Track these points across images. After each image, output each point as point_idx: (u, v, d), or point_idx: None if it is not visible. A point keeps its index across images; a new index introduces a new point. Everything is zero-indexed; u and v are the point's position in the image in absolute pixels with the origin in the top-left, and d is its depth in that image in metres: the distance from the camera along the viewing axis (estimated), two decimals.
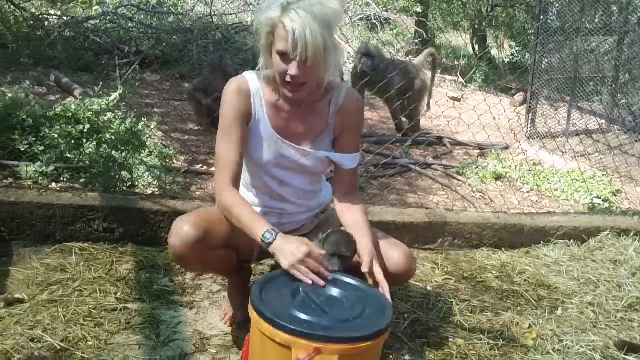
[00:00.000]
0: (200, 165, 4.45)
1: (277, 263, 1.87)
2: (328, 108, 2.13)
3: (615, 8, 6.59)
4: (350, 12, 9.23)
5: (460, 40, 12.77)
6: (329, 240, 1.99)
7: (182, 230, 1.99)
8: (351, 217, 2.12)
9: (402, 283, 2.37)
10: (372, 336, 1.66)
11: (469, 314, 2.66)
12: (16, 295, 2.34)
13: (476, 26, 12.23)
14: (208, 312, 2.43)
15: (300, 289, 1.81)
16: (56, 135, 3.44)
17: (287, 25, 1.85)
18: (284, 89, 2.00)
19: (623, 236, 3.57)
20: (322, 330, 1.62)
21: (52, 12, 7.46)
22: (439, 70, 9.42)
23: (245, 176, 2.18)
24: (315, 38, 1.85)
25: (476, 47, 12.55)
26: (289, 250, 1.81)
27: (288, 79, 1.94)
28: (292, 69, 1.91)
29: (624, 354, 2.42)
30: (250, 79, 2.09)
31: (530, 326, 2.60)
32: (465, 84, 9.00)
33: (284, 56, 1.91)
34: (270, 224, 1.90)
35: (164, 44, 7.31)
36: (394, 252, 2.11)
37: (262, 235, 1.86)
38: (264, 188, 2.19)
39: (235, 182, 2.04)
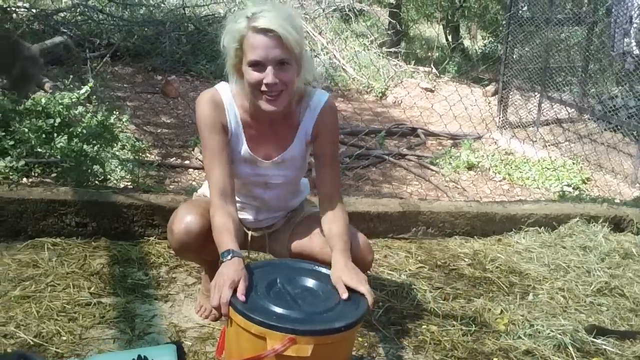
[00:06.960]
0: (174, 159, 4.43)
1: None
2: (297, 112, 2.07)
3: None
4: (323, 3, 9.22)
5: (433, 31, 12.84)
6: None
7: (187, 219, 2.02)
8: (328, 227, 2.04)
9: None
10: (341, 329, 1.65)
11: (442, 301, 2.69)
12: None
13: (449, 17, 12.31)
14: (183, 305, 2.43)
15: (278, 280, 1.82)
16: (26, 130, 3.39)
17: (258, 26, 1.81)
18: (260, 101, 1.91)
19: (592, 223, 3.64)
20: (293, 322, 1.63)
21: (20, 3, 7.32)
22: (412, 62, 9.48)
23: None
24: (289, 33, 1.82)
25: (449, 37, 12.64)
26: (226, 273, 1.75)
27: (264, 88, 1.87)
28: (269, 76, 1.84)
29: (593, 337, 2.48)
30: (223, 92, 2.03)
31: (502, 312, 2.64)
32: (438, 74, 9.07)
33: (258, 65, 1.85)
34: (236, 245, 1.85)
35: (135, 37, 7.24)
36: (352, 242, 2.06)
37: (222, 252, 1.82)
38: (246, 191, 2.17)
39: (226, 195, 1.96)
